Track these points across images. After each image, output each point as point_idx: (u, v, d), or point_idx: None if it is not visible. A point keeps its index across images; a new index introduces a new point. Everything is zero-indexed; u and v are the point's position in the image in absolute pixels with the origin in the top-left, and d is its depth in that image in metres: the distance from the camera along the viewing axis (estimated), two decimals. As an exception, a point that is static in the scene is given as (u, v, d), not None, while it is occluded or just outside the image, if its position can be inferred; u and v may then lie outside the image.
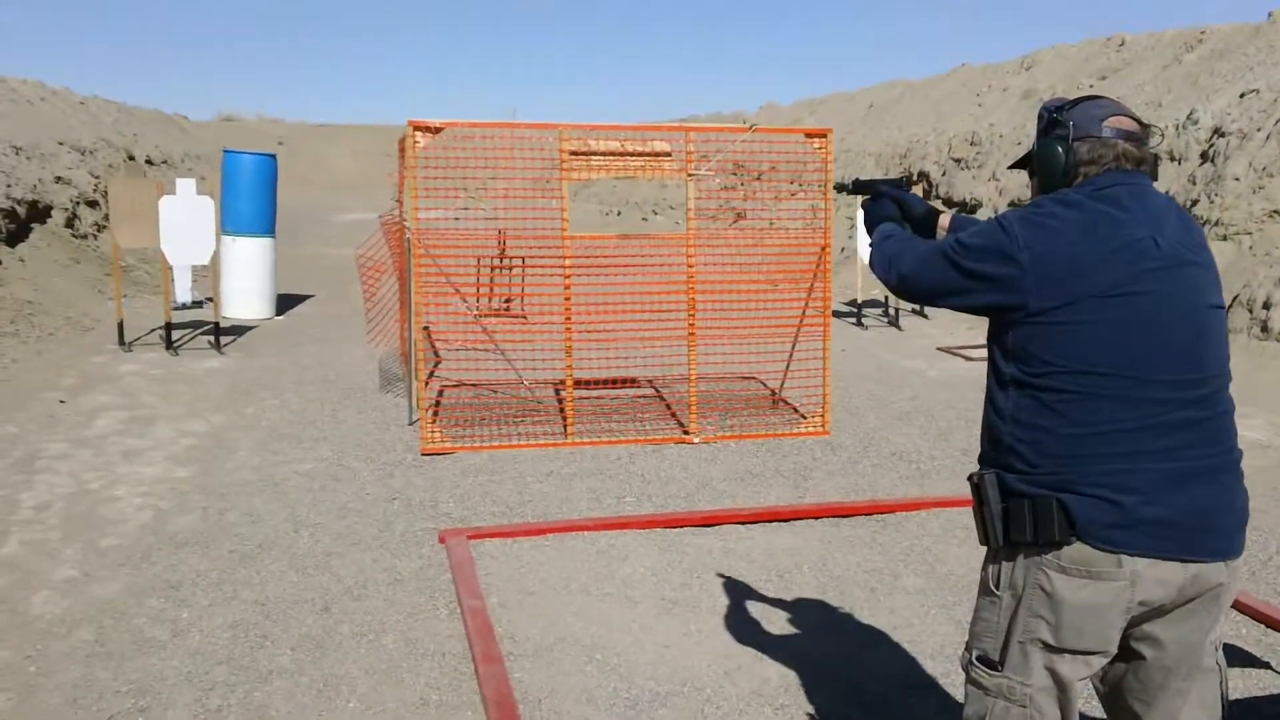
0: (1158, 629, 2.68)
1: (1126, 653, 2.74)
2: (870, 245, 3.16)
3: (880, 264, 3.03)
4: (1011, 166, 3.23)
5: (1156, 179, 2.82)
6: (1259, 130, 13.39)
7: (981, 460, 2.82)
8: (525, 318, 11.96)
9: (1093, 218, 2.65)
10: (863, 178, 3.50)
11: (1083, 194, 2.72)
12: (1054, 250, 2.62)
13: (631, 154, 8.36)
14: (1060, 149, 2.80)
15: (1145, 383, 2.58)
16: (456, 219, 9.16)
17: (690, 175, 8.38)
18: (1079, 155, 2.78)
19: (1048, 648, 2.65)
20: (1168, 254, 2.63)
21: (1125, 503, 2.54)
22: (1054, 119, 2.87)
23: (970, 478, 2.80)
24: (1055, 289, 2.61)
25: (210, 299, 12.49)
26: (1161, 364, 2.59)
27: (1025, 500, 2.63)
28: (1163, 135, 14.89)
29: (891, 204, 3.32)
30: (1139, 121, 2.83)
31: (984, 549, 2.81)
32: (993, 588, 2.75)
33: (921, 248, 2.96)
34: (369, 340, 11.24)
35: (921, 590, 5.67)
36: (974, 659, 2.79)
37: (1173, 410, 2.59)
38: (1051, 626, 2.63)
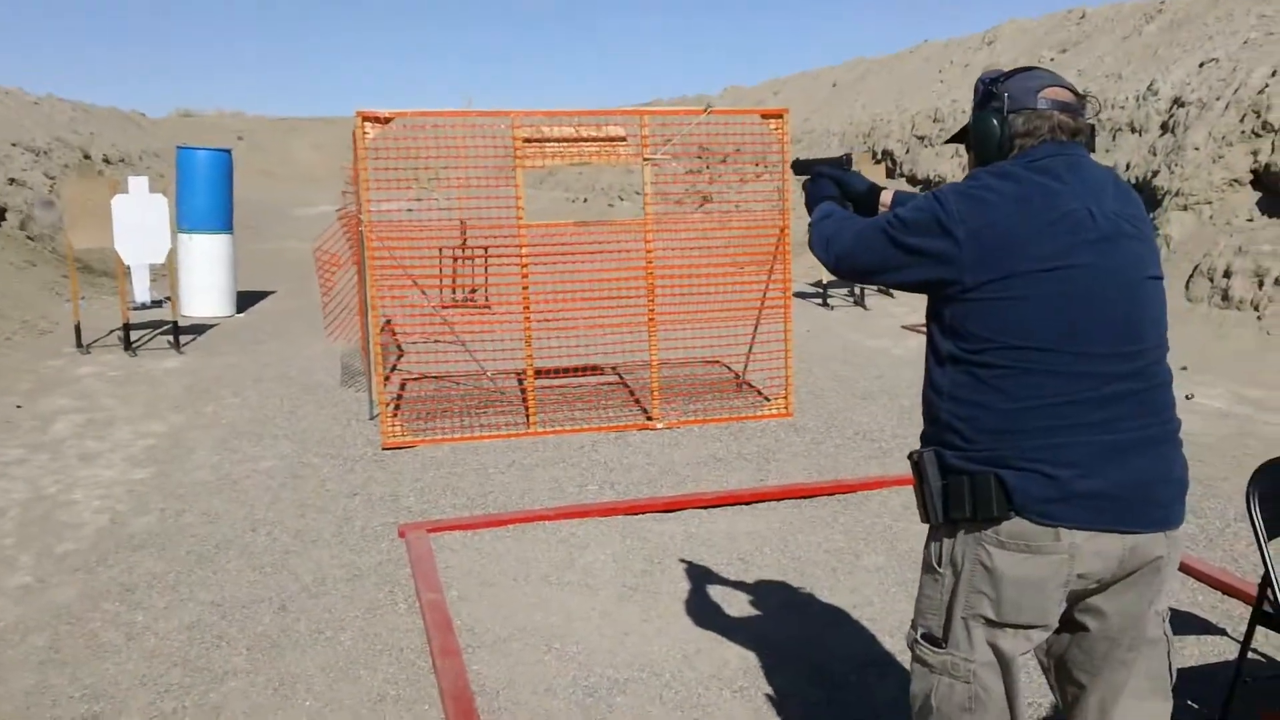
0: (1100, 601, 2.67)
1: (1070, 625, 2.73)
2: (809, 226, 3.12)
3: (818, 244, 2.99)
4: (948, 141, 3.20)
5: (1094, 150, 2.79)
6: (1218, 99, 13.44)
7: (922, 439, 2.79)
8: (490, 308, 11.90)
9: (1028, 190, 2.62)
10: (802, 158, 3.45)
11: (1019, 166, 2.68)
12: (990, 224, 2.59)
13: (586, 140, 8.30)
14: (995, 121, 2.76)
15: (1081, 356, 2.56)
16: (410, 210, 9.09)
17: (647, 159, 8.33)
18: (1014, 127, 2.74)
19: (989, 623, 2.63)
20: (1104, 225, 2.61)
21: (1061, 476, 2.53)
22: (989, 91, 2.82)
23: (910, 456, 2.77)
24: (991, 263, 2.58)
25: (168, 298, 12.37)
26: (1098, 337, 2.57)
27: (964, 477, 2.61)
28: (1122, 106, 14.96)
29: (830, 184, 3.27)
30: (1075, 92, 2.79)
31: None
32: (935, 565, 2.73)
33: (858, 225, 2.91)
34: (328, 336, 11.17)
35: (882, 568, 5.66)
36: (919, 637, 2.77)
37: (1109, 383, 2.57)
38: (992, 602, 2.61)
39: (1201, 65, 14.56)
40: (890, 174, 19.67)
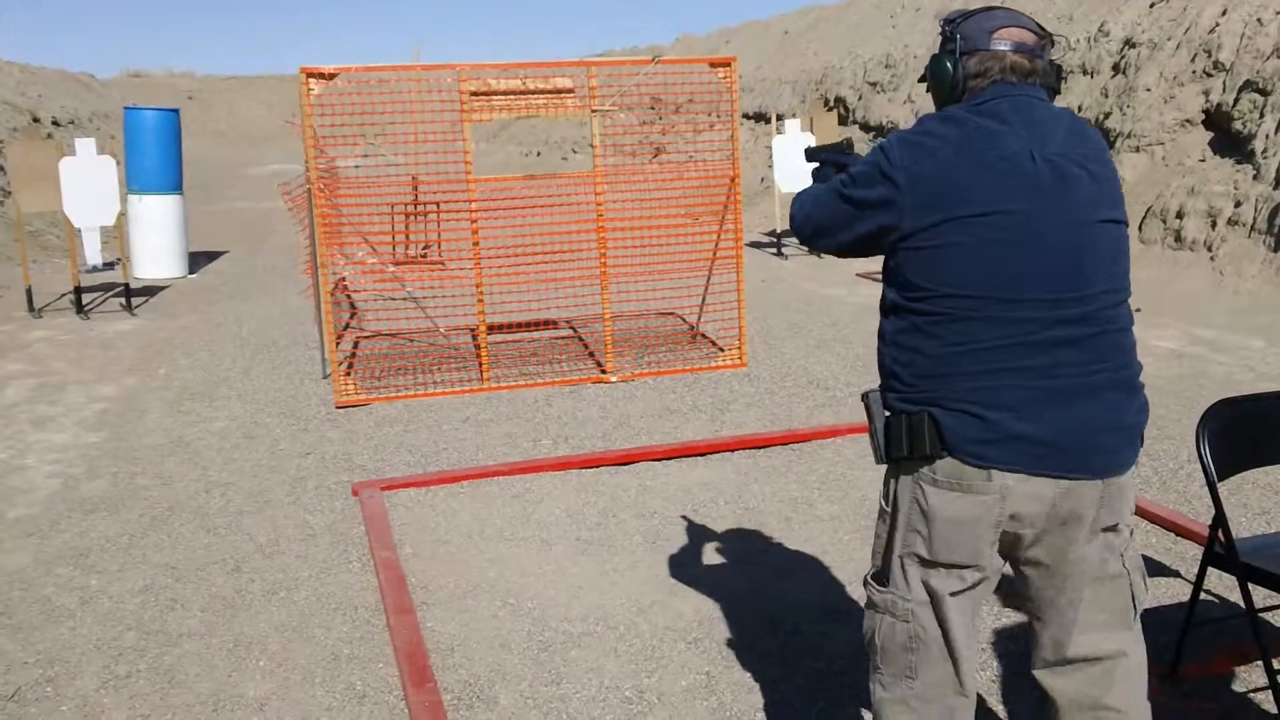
0: (1038, 552, 2.68)
1: (1016, 571, 2.77)
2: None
3: (793, 220, 3.00)
4: (919, 81, 3.16)
5: (1058, 90, 2.78)
6: (1169, 40, 13.47)
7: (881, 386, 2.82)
8: (444, 264, 11.85)
9: (968, 132, 2.61)
10: (812, 146, 3.45)
11: (965, 110, 2.68)
12: (928, 169, 2.59)
13: (534, 92, 8.24)
14: (949, 64, 2.75)
15: (1016, 303, 2.55)
16: (357, 166, 9.02)
17: (595, 111, 8.28)
18: (968, 69, 2.73)
19: (922, 562, 2.67)
20: (1047, 167, 2.58)
21: (992, 418, 2.54)
22: (945, 33, 2.81)
23: (862, 396, 2.81)
24: (928, 208, 2.58)
25: (119, 260, 12.25)
26: (1033, 282, 2.55)
27: (902, 417, 2.65)
28: (1074, 48, 14.97)
29: (833, 171, 3.20)
30: (1037, 33, 2.76)
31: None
32: (883, 505, 2.78)
33: (818, 190, 2.93)
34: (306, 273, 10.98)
35: (836, 517, 5.69)
36: (869, 577, 2.84)
37: (1047, 328, 2.56)
38: (925, 540, 2.64)
39: (1152, 5, 14.58)
40: (843, 121, 19.65)
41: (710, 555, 5.27)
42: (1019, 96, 2.67)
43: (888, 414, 2.71)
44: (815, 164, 3.32)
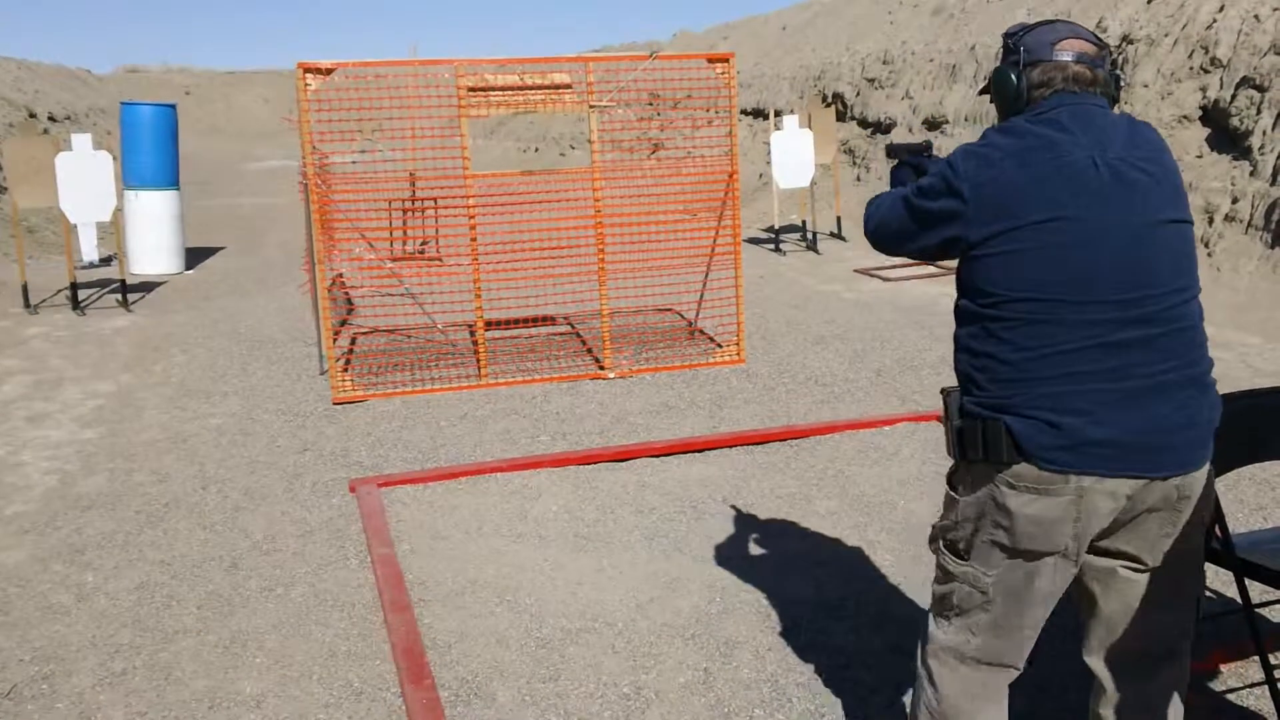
0: (1113, 541, 2.77)
1: (1100, 563, 2.85)
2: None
3: (867, 228, 3.11)
4: (981, 93, 3.22)
5: (1118, 99, 2.86)
6: (1166, 36, 13.45)
7: None
8: (441, 260, 11.83)
9: (1029, 143, 2.70)
10: (895, 143, 3.49)
11: (1026, 120, 2.77)
12: (992, 179, 2.68)
13: (531, 88, 8.23)
14: (1013, 75, 2.85)
15: (1085, 305, 2.61)
16: (354, 162, 9.00)
17: (593, 107, 8.27)
18: (1031, 79, 2.82)
19: (1005, 549, 2.74)
20: (1108, 172, 2.65)
21: (1067, 424, 2.60)
22: (1008, 45, 2.92)
23: (941, 391, 2.89)
24: (993, 217, 2.67)
25: (114, 256, 12.22)
26: (1101, 285, 2.62)
27: (977, 422, 2.72)
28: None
29: (910, 171, 3.29)
30: (1096, 44, 2.84)
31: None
32: (956, 490, 2.87)
33: (888, 198, 3.02)
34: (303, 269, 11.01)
35: (834, 512, 5.69)
36: (942, 546, 2.92)
37: (1118, 330, 2.62)
38: (1007, 532, 2.71)
39: (1150, 2, 14.56)
40: (841, 117, 19.62)
41: (708, 551, 5.26)
42: (1078, 105, 2.76)
43: (963, 418, 2.78)
44: (894, 161, 3.38)
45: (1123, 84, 2.91)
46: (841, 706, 3.89)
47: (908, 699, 3.23)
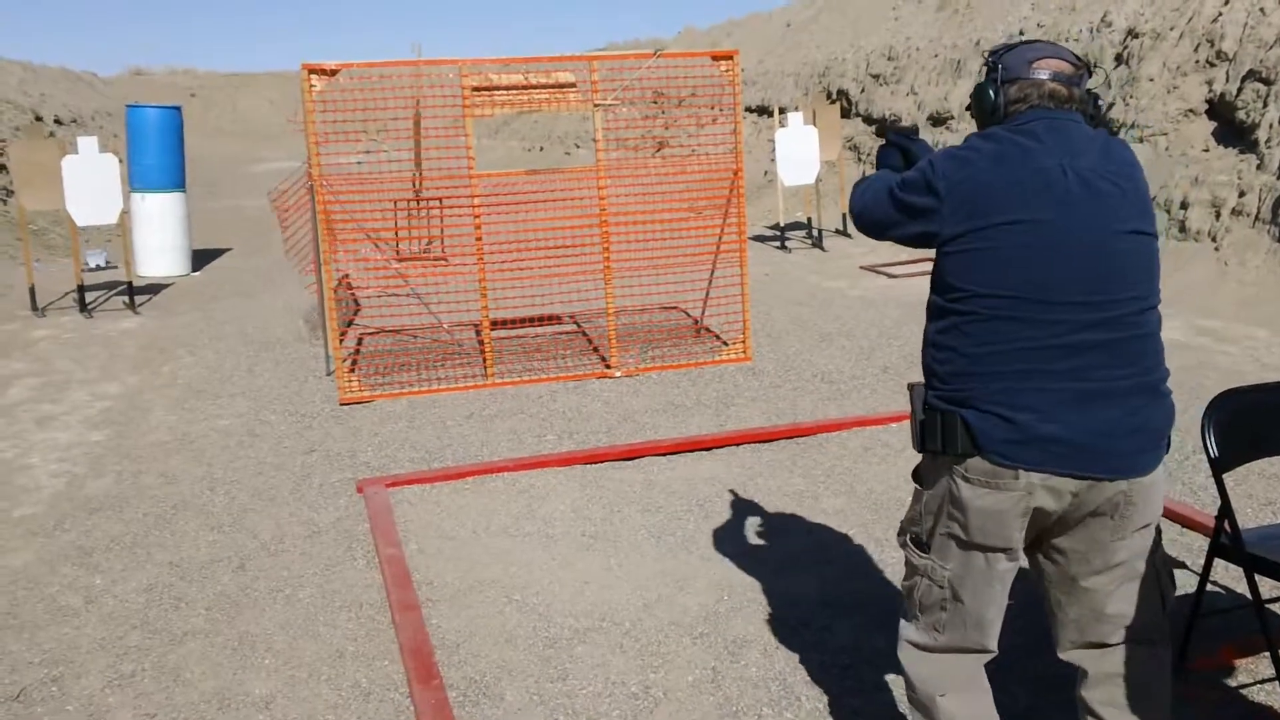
0: (1062, 541, 2.88)
1: (1042, 559, 2.98)
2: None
3: (852, 204, 3.22)
4: (968, 108, 3.33)
5: (1096, 117, 2.95)
6: (1172, 29, 13.42)
7: None
8: (446, 259, 11.83)
9: (1005, 148, 2.82)
10: (893, 128, 3.56)
11: (1005, 129, 2.89)
12: (966, 179, 2.80)
13: (535, 87, 8.23)
14: (991, 91, 2.97)
15: (1047, 305, 2.72)
16: (359, 162, 9.00)
17: (597, 105, 8.27)
18: (1008, 95, 2.94)
19: (959, 542, 2.87)
20: (1077, 180, 2.76)
21: (1019, 420, 2.72)
22: (989, 64, 3.04)
23: (908, 386, 3.01)
24: (965, 215, 2.78)
25: (110, 262, 12.23)
26: (1063, 287, 2.72)
27: (937, 414, 2.85)
28: (1077, 39, 14.94)
29: (896, 152, 3.40)
30: (1074, 63, 2.94)
31: (904, 461, 3.03)
32: (920, 483, 3.00)
33: (877, 184, 3.13)
34: (303, 273, 10.95)
35: (841, 510, 5.68)
36: (909, 540, 3.04)
37: (1076, 332, 2.72)
38: (961, 525, 2.84)
39: (1154, -3, 14.54)
40: (846, 114, 19.59)
41: (715, 550, 5.26)
42: (1053, 119, 2.87)
43: (926, 410, 2.89)
44: (882, 141, 3.45)
45: (1101, 104, 3.01)
46: (849, 705, 3.88)
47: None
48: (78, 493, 6.36)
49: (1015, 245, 2.73)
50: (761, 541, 5.36)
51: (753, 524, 5.56)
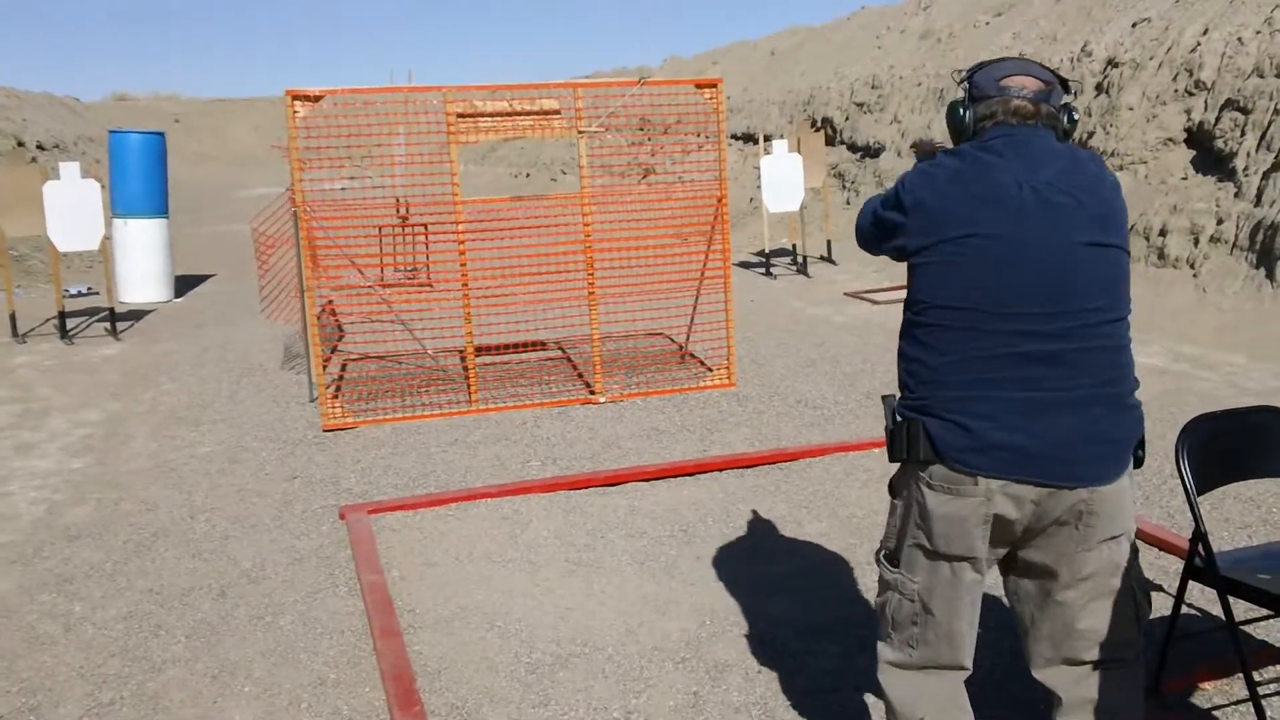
0: (1030, 554, 2.91)
1: (1018, 573, 3.01)
2: None
3: (856, 230, 3.32)
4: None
5: (1069, 131, 3.01)
6: (1151, 59, 13.53)
7: None
8: (431, 285, 11.84)
9: (965, 165, 2.90)
10: (922, 140, 3.62)
11: (971, 146, 2.96)
12: (929, 195, 2.90)
13: (520, 114, 8.25)
14: (961, 110, 3.04)
15: (1000, 316, 2.77)
16: (343, 189, 9.01)
17: (581, 133, 8.29)
18: (977, 112, 3.01)
19: (926, 552, 2.93)
20: (1031, 194, 2.80)
21: (975, 428, 2.77)
22: (960, 83, 3.12)
23: (883, 396, 3.07)
24: (927, 230, 2.88)
25: (91, 289, 12.19)
26: (1017, 298, 2.77)
27: (904, 423, 2.91)
28: (1057, 68, 15.04)
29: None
30: (1043, 79, 2.99)
31: (887, 481, 3.14)
32: (893, 495, 3.05)
33: (873, 202, 3.21)
34: (267, 316, 11.02)
35: (825, 534, 5.69)
36: (882, 556, 3.10)
37: (1031, 342, 2.76)
38: (927, 534, 2.90)
39: (1134, 25, 14.64)
40: (830, 142, 19.68)
41: (698, 575, 5.26)
42: (1015, 135, 2.92)
43: (895, 420, 2.95)
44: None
45: (1076, 118, 3.06)
46: (832, 730, 3.88)
47: None
48: (57, 520, 6.33)
49: (971, 259, 2.80)
50: (745, 566, 5.35)
51: (736, 549, 5.56)
